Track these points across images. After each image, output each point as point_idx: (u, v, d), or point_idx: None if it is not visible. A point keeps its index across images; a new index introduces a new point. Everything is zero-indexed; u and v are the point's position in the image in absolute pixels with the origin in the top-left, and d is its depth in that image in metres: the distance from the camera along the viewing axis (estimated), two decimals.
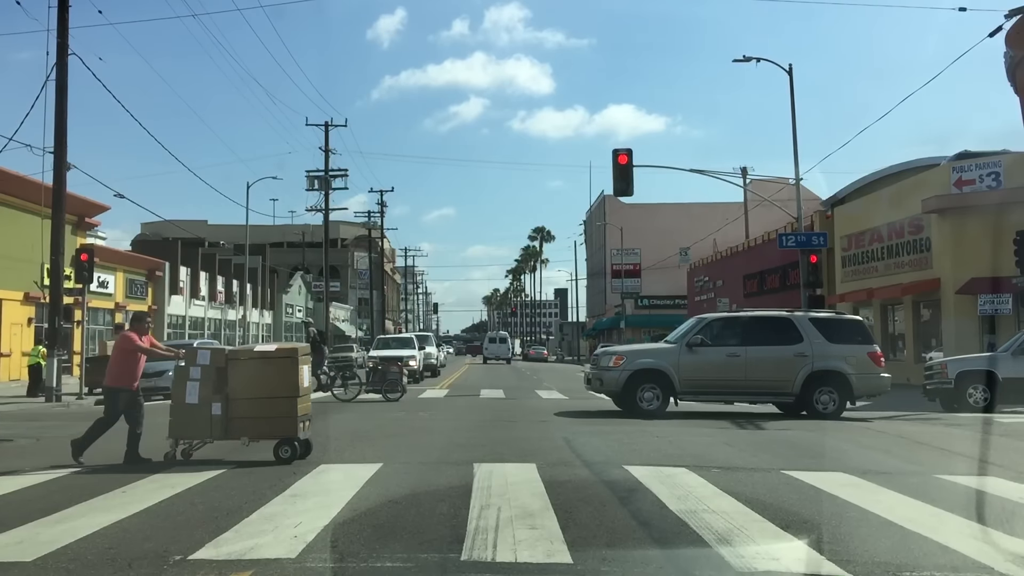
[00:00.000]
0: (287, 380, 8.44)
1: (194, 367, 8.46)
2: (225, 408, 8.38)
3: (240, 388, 8.43)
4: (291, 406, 8.41)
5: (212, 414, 8.36)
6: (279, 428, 8.45)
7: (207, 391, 8.39)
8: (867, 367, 14.43)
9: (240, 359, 8.62)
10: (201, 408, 8.38)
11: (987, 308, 20.36)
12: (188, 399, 8.42)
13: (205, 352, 8.64)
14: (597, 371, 14.92)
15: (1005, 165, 23.39)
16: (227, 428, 8.42)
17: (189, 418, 8.44)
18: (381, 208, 59.15)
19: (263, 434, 8.51)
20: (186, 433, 8.56)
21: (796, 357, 14.21)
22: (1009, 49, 22.00)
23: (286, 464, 8.23)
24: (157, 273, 40.20)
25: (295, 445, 8.46)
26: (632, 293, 57.15)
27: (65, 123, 19.81)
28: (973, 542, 5.14)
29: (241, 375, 8.46)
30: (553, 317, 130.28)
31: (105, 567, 4.61)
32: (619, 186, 20.34)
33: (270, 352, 8.83)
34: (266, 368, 8.51)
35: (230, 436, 8.45)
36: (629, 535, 5.37)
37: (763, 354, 14.34)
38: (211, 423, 8.38)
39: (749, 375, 14.28)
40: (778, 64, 22.91)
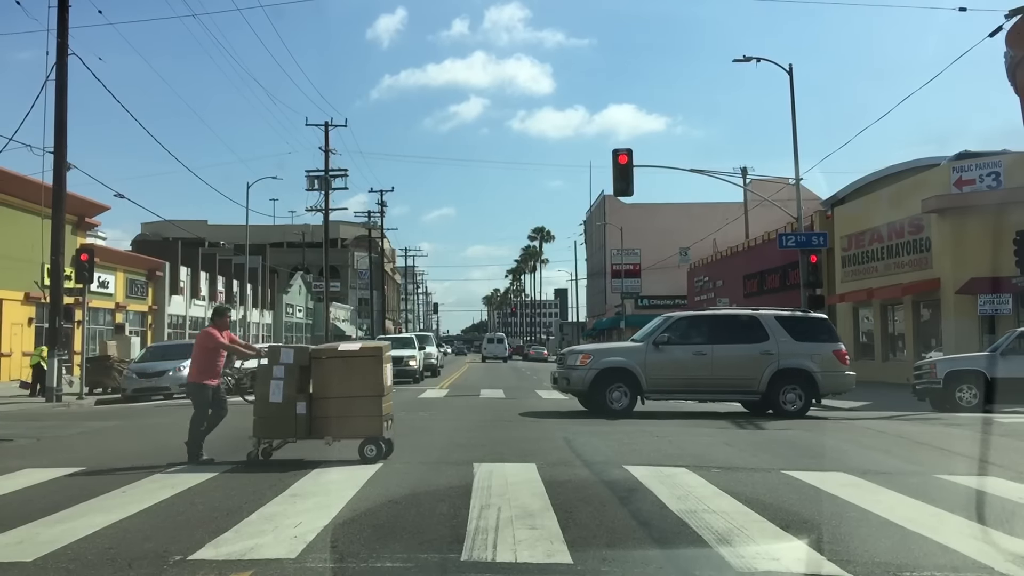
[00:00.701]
0: (371, 379, 8.38)
1: (278, 366, 8.36)
2: (309, 407, 8.33)
3: (324, 387, 8.38)
4: (376, 405, 8.34)
5: (297, 413, 8.29)
6: (364, 427, 8.36)
7: (291, 390, 8.32)
8: (832, 365, 14.48)
9: (324, 357, 8.57)
10: (286, 407, 8.30)
11: (987, 308, 20.35)
12: (272, 398, 8.33)
13: (289, 351, 8.56)
14: (564, 370, 14.81)
15: (1005, 165, 23.39)
16: (311, 427, 8.35)
17: (274, 417, 8.35)
18: (381, 208, 59.20)
19: (348, 433, 8.42)
20: (271, 432, 8.47)
21: (762, 355, 14.23)
22: (1009, 49, 22.00)
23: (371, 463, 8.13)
24: (157, 273, 40.21)
25: (380, 444, 8.37)
26: (632, 293, 57.14)
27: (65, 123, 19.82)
28: (973, 542, 5.14)
29: (325, 374, 8.41)
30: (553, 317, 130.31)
31: (105, 567, 4.61)
32: (619, 186, 20.33)
33: (355, 351, 8.74)
34: (350, 367, 8.44)
35: (314, 435, 8.38)
36: (629, 535, 5.37)
37: (730, 352, 14.34)
38: (296, 422, 8.30)
39: (716, 373, 14.28)
40: (778, 64, 22.91)
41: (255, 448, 8.43)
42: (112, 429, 13.37)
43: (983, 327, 22.52)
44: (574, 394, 15.09)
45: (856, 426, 13.19)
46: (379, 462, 8.19)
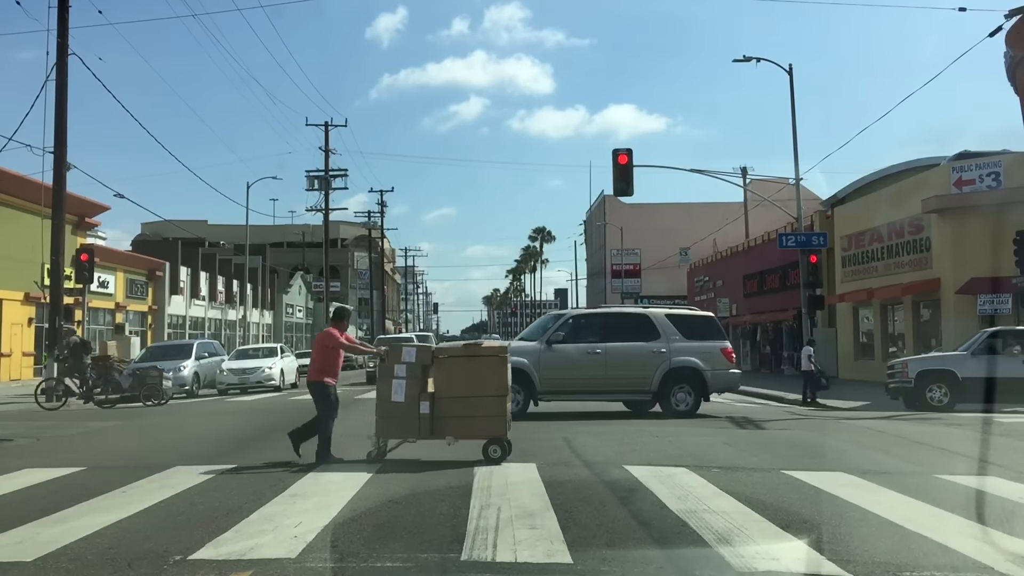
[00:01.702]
0: (495, 379, 8.31)
1: (399, 365, 8.32)
2: (431, 407, 8.26)
3: (447, 386, 8.31)
4: (500, 405, 8.28)
5: (420, 413, 8.23)
6: (487, 427, 8.27)
7: (414, 389, 8.25)
8: (721, 363, 14.37)
9: (447, 357, 8.53)
10: (408, 407, 8.24)
11: (987, 308, 20.35)
12: (395, 397, 8.27)
13: (411, 350, 8.54)
14: None
15: (1005, 165, 23.38)
16: (433, 427, 8.28)
17: (396, 417, 8.30)
18: (381, 208, 59.25)
19: (471, 433, 8.33)
20: (393, 432, 8.41)
21: (654, 354, 14.04)
22: (1009, 49, 21.98)
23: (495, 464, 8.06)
24: (157, 273, 40.21)
25: (505, 445, 8.27)
26: (632, 293, 57.09)
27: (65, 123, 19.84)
28: (973, 542, 5.14)
29: (448, 373, 8.35)
30: None
31: (105, 567, 4.61)
32: (619, 186, 20.32)
33: (478, 350, 8.67)
34: (473, 366, 8.38)
35: (436, 435, 8.31)
36: (629, 535, 5.37)
37: (623, 351, 14.06)
38: (419, 422, 8.25)
39: (609, 372, 13.98)
40: (778, 64, 22.91)
41: (375, 447, 8.36)
42: (112, 429, 13.37)
43: (983, 327, 22.51)
44: None
45: (856, 426, 13.18)
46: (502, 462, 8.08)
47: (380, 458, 8.32)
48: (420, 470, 8.00)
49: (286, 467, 8.13)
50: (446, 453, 8.34)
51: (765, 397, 21.29)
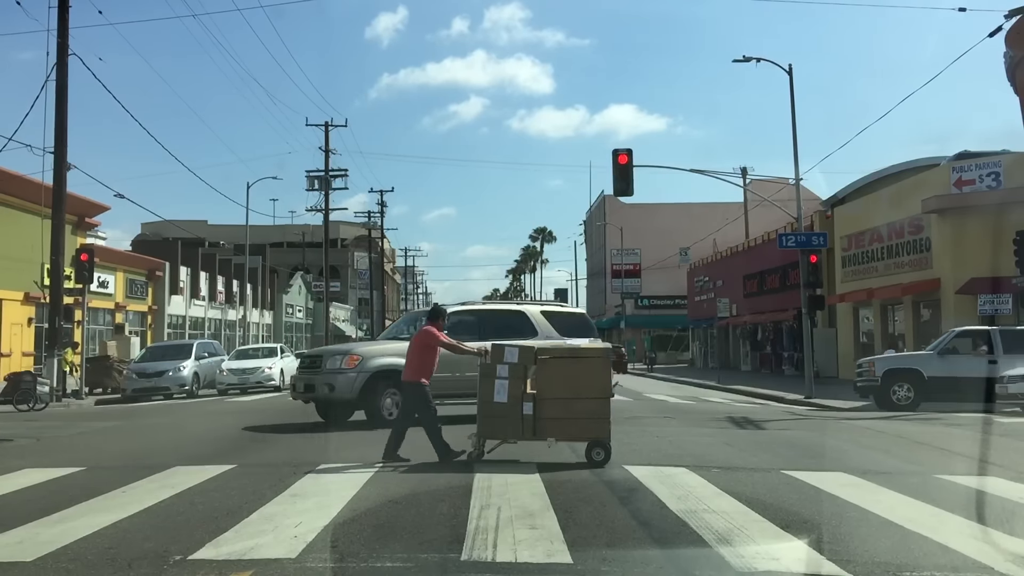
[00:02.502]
0: (599, 380, 8.22)
1: (501, 365, 8.23)
2: (534, 407, 8.16)
3: (550, 387, 8.18)
4: (604, 407, 8.16)
5: (523, 414, 8.12)
6: (590, 430, 8.14)
7: (516, 390, 8.16)
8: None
9: (550, 358, 8.38)
10: (511, 407, 8.15)
11: (987, 308, 20.35)
12: (497, 398, 8.18)
13: (513, 350, 8.41)
14: (324, 375, 12.42)
15: (1005, 165, 23.38)
16: (536, 428, 8.16)
17: (498, 417, 8.21)
18: (381, 208, 59.18)
19: (573, 435, 8.22)
20: (495, 433, 8.31)
21: None
22: (1009, 49, 22.02)
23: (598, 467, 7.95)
24: (157, 273, 40.19)
25: (608, 447, 8.14)
26: (632, 293, 57.10)
27: (65, 123, 19.84)
28: (973, 542, 5.14)
29: (551, 374, 8.22)
30: None
31: (105, 567, 4.61)
32: (619, 186, 20.30)
33: (582, 350, 8.57)
34: (577, 367, 8.27)
35: (538, 436, 8.19)
36: (629, 535, 5.37)
37: None
38: (521, 423, 8.14)
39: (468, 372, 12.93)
40: (778, 64, 22.88)
41: (476, 447, 8.28)
42: (112, 429, 13.37)
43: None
44: (335, 404, 12.65)
45: (856, 426, 13.18)
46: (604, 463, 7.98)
47: (479, 459, 8.20)
48: (420, 470, 8.00)
49: (286, 467, 8.13)
50: (545, 455, 8.24)
51: (765, 397, 21.31)
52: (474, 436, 8.35)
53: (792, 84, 22.24)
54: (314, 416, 13.47)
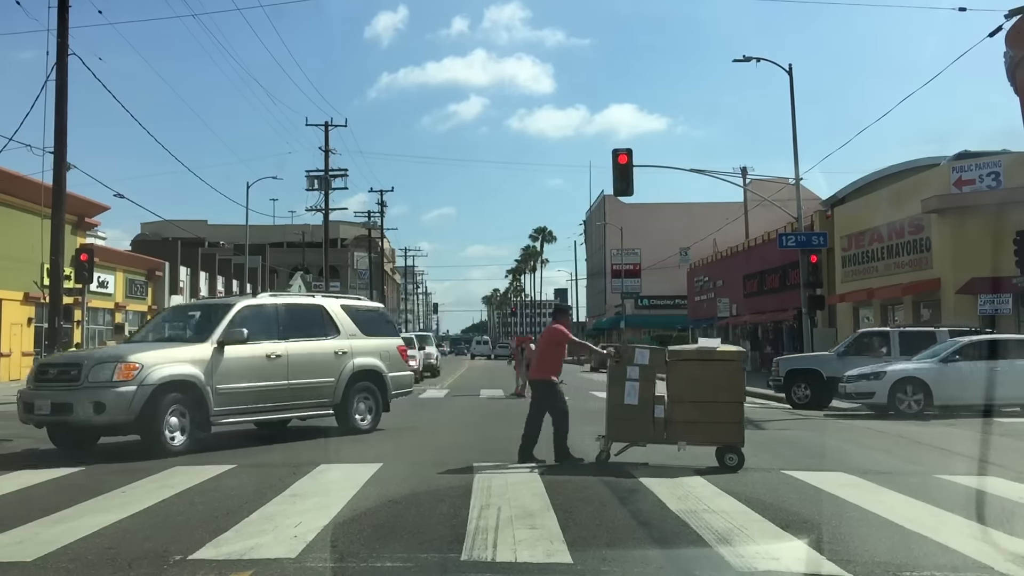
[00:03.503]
0: (731, 383, 8.07)
1: (632, 367, 8.10)
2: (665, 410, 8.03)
3: (681, 390, 8.03)
4: (736, 411, 8.03)
5: (654, 416, 8.00)
6: (723, 434, 8.00)
7: (647, 392, 8.05)
8: (399, 365, 12.41)
9: (681, 360, 8.23)
10: (641, 410, 8.03)
11: (987, 308, 20.35)
12: (627, 400, 8.07)
13: (644, 351, 8.30)
14: (85, 392, 9.18)
15: (1005, 165, 23.37)
16: (667, 432, 8.02)
17: (628, 420, 8.09)
18: (381, 208, 59.19)
19: (705, 439, 8.06)
20: (625, 435, 8.19)
21: (337, 356, 11.31)
22: (1009, 49, 22.00)
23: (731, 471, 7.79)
24: (157, 273, 40.18)
25: (741, 453, 7.99)
26: (632, 293, 57.11)
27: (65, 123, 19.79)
28: (973, 542, 5.14)
29: (683, 376, 8.07)
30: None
31: (105, 567, 4.61)
32: (619, 186, 20.30)
33: (715, 353, 8.36)
34: (709, 370, 8.09)
35: (669, 440, 8.03)
36: (629, 535, 5.38)
37: (306, 351, 10.97)
38: (653, 426, 8.02)
39: (294, 380, 10.72)
40: (778, 64, 22.90)
41: (604, 449, 8.17)
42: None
43: (983, 327, 22.53)
44: (99, 428, 9.68)
45: (856, 426, 13.18)
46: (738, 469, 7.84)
47: (605, 461, 8.08)
48: (420, 470, 8.00)
49: (286, 467, 8.12)
50: (674, 458, 8.06)
51: (765, 397, 21.29)
52: (602, 438, 8.21)
53: (792, 84, 22.27)
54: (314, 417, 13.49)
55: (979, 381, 14.29)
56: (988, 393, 14.14)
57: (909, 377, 14.98)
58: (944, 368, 15.02)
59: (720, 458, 8.00)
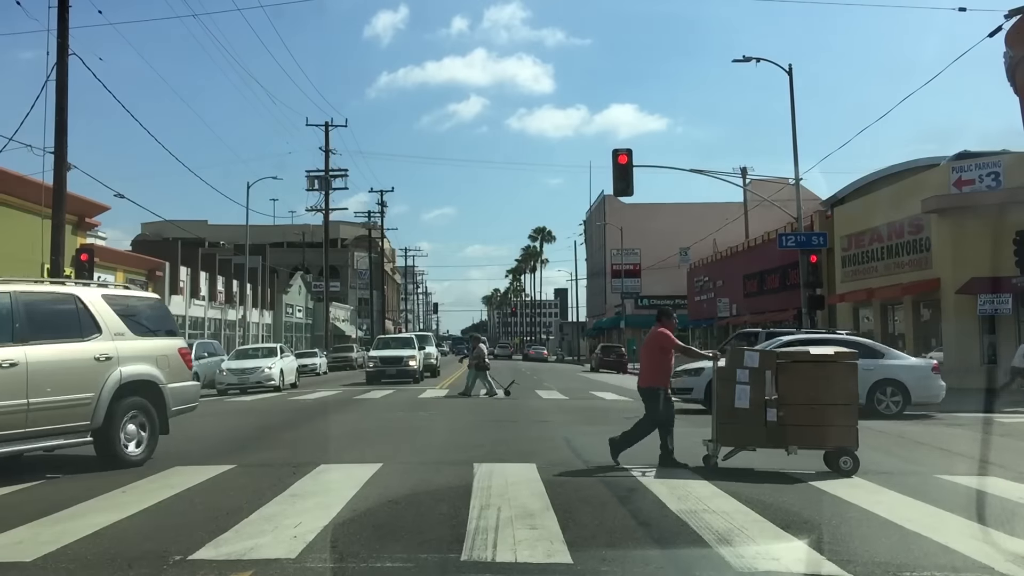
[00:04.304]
0: (844, 386, 7.89)
1: (741, 369, 7.97)
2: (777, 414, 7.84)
3: (794, 393, 7.83)
4: (849, 415, 7.85)
5: (767, 420, 7.82)
6: (836, 437, 7.82)
7: (758, 395, 7.87)
8: (181, 372, 9.72)
9: (792, 362, 8.05)
10: (752, 413, 7.86)
11: (987, 308, 20.35)
12: (738, 403, 7.91)
13: (754, 354, 8.15)
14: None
15: (1005, 165, 23.36)
16: (779, 435, 7.83)
17: (738, 423, 7.94)
18: (381, 208, 59.30)
19: (817, 443, 7.91)
20: (734, 439, 8.04)
21: (98, 362, 8.55)
22: (1009, 49, 21.98)
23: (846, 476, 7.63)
24: (157, 273, 40.18)
25: (856, 456, 7.81)
26: (632, 293, 57.10)
27: (65, 123, 19.80)
28: (973, 542, 5.14)
29: (794, 379, 7.89)
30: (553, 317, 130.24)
31: (105, 567, 4.61)
32: (619, 186, 20.33)
33: (827, 356, 8.20)
34: (821, 372, 7.95)
35: (781, 444, 7.86)
36: (629, 535, 5.37)
37: (53, 358, 8.18)
38: (765, 429, 7.84)
39: (36, 399, 7.88)
40: (778, 64, 22.92)
41: (713, 453, 8.03)
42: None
43: (983, 327, 22.53)
44: None
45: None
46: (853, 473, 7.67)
47: (715, 467, 7.90)
48: (420, 470, 8.00)
49: (286, 467, 8.12)
50: (785, 463, 7.93)
51: None
52: (710, 442, 8.10)
53: (792, 84, 22.29)
54: (314, 417, 13.53)
55: None
56: None
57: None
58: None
59: (831, 462, 7.83)
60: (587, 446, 9.95)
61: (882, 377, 14.77)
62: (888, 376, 14.82)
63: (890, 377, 14.82)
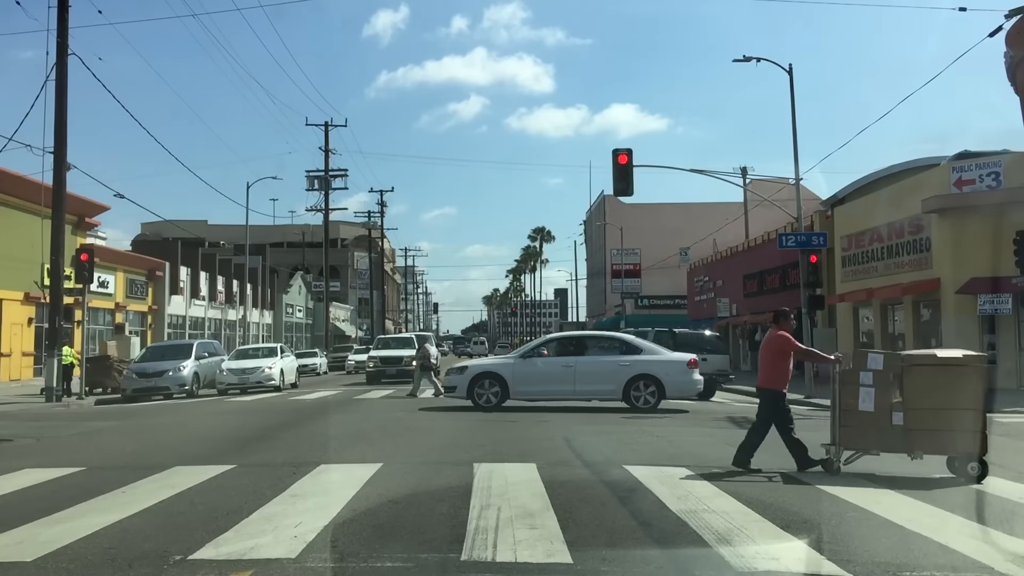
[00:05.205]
0: (971, 389, 7.69)
1: (864, 372, 7.84)
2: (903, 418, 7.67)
3: (920, 397, 7.67)
4: (978, 419, 7.62)
5: (892, 424, 7.67)
6: (962, 443, 7.63)
7: (884, 399, 7.71)
8: None
9: (918, 365, 7.87)
10: (876, 417, 7.71)
11: (987, 308, 20.35)
12: (863, 406, 7.74)
13: (878, 356, 8.01)
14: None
15: (1005, 165, 23.35)
16: (904, 440, 7.69)
17: (861, 427, 7.78)
18: (381, 208, 59.30)
19: (943, 448, 7.74)
20: (858, 443, 7.86)
21: None
22: (1009, 49, 21.99)
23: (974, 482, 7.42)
24: (157, 273, 40.20)
25: (984, 462, 7.60)
26: (632, 293, 57.09)
27: (65, 123, 19.83)
28: (973, 542, 5.14)
29: (919, 383, 7.71)
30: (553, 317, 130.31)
31: (105, 567, 4.61)
32: (619, 186, 20.31)
33: (954, 358, 8.03)
34: (947, 376, 7.77)
35: (907, 448, 7.72)
36: (629, 535, 5.37)
37: None
38: (889, 433, 7.69)
39: None
40: (778, 64, 22.88)
41: (835, 457, 7.85)
42: (112, 429, 13.36)
43: (983, 327, 22.53)
44: None
45: None
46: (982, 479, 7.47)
47: (837, 472, 7.75)
48: (420, 470, 7.99)
49: (286, 467, 8.12)
50: (905, 467, 7.83)
51: None
52: (831, 445, 7.96)
53: (792, 84, 22.26)
54: (315, 417, 13.53)
55: (554, 376, 15.53)
56: (561, 387, 15.54)
57: (487, 372, 15.87)
58: (522, 363, 15.90)
59: (956, 467, 7.68)
60: (587, 446, 9.96)
61: (639, 372, 15.34)
62: (644, 371, 15.35)
63: (646, 372, 15.35)
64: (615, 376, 15.36)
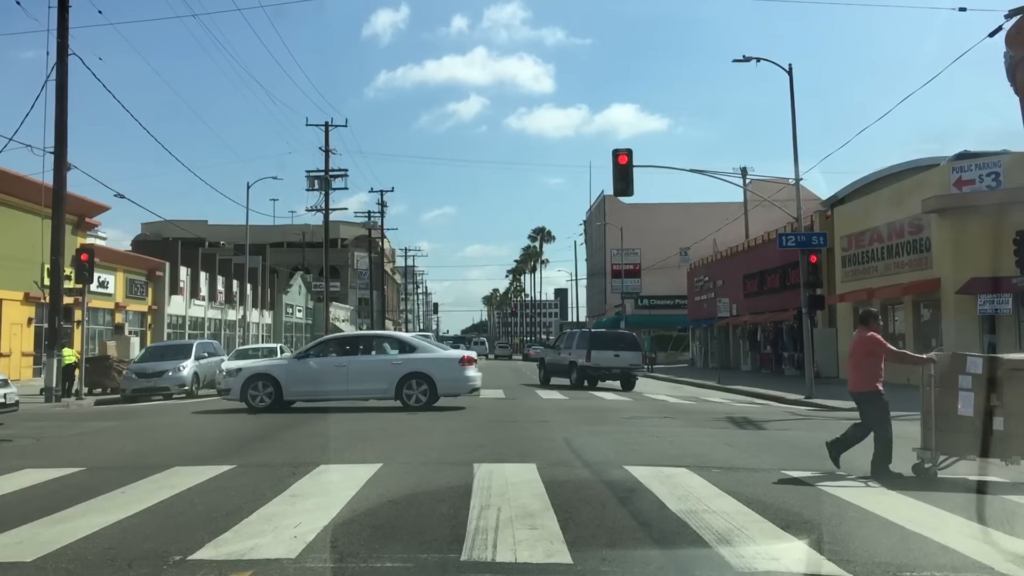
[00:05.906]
0: None
1: (963, 375, 7.63)
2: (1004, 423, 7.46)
3: (1018, 401, 7.48)
4: None
5: (993, 429, 7.44)
6: None
7: (982, 403, 7.50)
8: None
9: (1015, 370, 7.65)
10: (975, 421, 7.50)
11: (987, 308, 20.36)
12: (962, 410, 7.56)
13: (976, 359, 7.77)
14: None
15: (1005, 165, 23.36)
16: (1004, 445, 7.49)
17: (960, 432, 7.59)
18: (381, 208, 59.22)
19: None
20: (955, 448, 7.69)
21: None
22: (1009, 49, 21.95)
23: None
24: (157, 273, 40.18)
25: None
26: (632, 293, 57.11)
27: (65, 123, 19.82)
28: (973, 542, 5.14)
29: (1019, 387, 7.53)
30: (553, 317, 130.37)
31: (105, 567, 4.61)
32: (619, 186, 20.31)
33: None
34: None
35: (1006, 454, 7.54)
36: (629, 535, 5.37)
37: None
38: (990, 439, 7.44)
39: None
40: (778, 64, 22.86)
41: (932, 463, 7.71)
42: (112, 429, 13.35)
43: (983, 327, 22.54)
44: None
45: None
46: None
47: (934, 477, 7.64)
48: (420, 470, 7.99)
49: (286, 467, 8.12)
50: (999, 472, 7.74)
51: (765, 397, 21.30)
52: (925, 451, 7.79)
53: (792, 84, 22.24)
54: (314, 417, 13.50)
55: (327, 376, 15.49)
56: (334, 387, 15.46)
57: (261, 374, 15.73)
58: (296, 365, 15.89)
59: None
60: (587, 446, 9.96)
61: (411, 371, 15.42)
62: (416, 370, 15.45)
63: (418, 371, 15.44)
64: (387, 375, 15.46)
